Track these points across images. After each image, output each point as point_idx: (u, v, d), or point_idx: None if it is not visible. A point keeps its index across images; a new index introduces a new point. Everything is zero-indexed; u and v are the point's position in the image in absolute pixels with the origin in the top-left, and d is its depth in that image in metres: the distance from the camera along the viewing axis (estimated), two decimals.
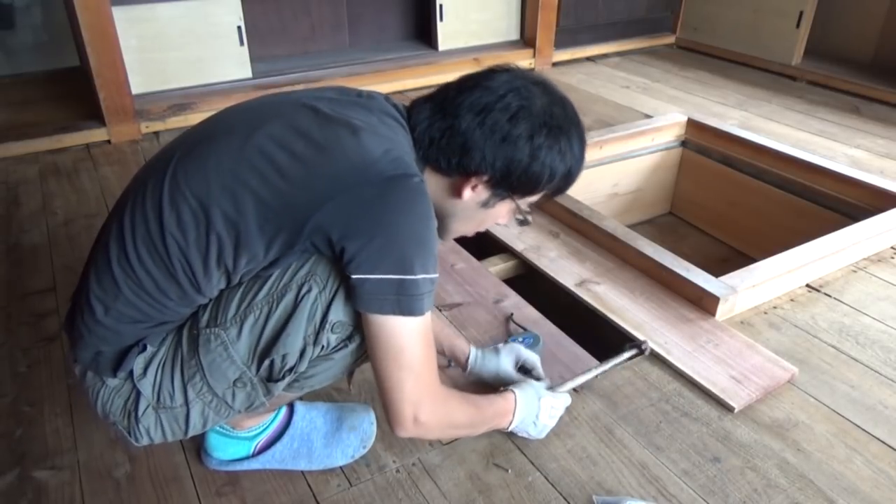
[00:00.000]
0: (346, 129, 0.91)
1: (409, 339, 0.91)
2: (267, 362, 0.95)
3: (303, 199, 0.87)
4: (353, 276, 0.88)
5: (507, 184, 0.98)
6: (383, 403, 0.96)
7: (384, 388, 0.94)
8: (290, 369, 0.97)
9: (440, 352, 1.32)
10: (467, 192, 0.98)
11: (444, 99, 0.97)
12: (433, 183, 0.99)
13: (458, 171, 0.97)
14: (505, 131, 0.93)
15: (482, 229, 1.10)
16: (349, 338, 0.99)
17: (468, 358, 1.33)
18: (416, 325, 0.91)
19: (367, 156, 0.88)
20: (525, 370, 1.34)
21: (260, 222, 0.89)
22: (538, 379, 1.31)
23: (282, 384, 0.99)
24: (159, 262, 0.92)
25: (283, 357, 0.95)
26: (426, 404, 0.95)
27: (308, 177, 0.88)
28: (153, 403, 1.00)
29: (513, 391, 1.18)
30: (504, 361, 1.33)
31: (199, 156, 0.92)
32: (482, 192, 0.99)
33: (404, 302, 0.88)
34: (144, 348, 0.97)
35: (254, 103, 1.00)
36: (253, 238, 0.90)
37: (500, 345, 1.37)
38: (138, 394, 0.99)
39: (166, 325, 0.98)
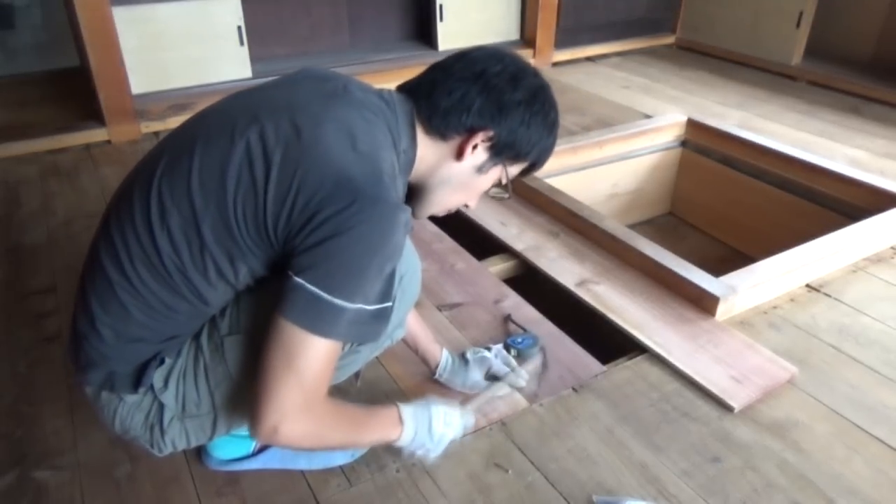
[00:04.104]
0: (323, 138, 0.87)
1: (310, 353, 0.85)
2: None
3: (279, 214, 0.85)
4: (294, 278, 0.84)
5: (506, 143, 0.99)
6: (251, 400, 0.88)
7: (260, 385, 0.87)
8: None
9: (413, 351, 1.33)
10: (468, 153, 0.98)
11: (443, 70, 0.98)
12: (430, 151, 0.99)
13: (463, 130, 0.97)
14: (507, 91, 0.96)
15: (467, 202, 1.08)
16: None
17: (437, 366, 1.33)
18: (324, 345, 0.85)
19: (346, 172, 0.85)
20: (496, 379, 1.34)
21: (244, 236, 0.88)
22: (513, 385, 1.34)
23: None
24: (162, 282, 0.91)
25: None
26: (294, 420, 0.88)
27: (285, 191, 0.85)
28: (178, 414, 1.00)
29: (397, 404, 1.08)
30: (472, 373, 1.33)
31: (181, 170, 0.90)
32: (480, 155, 0.99)
33: (318, 322, 0.84)
34: (162, 361, 0.97)
35: (230, 105, 0.96)
36: (244, 252, 0.89)
37: (470, 354, 1.36)
38: (161, 406, 0.99)
39: (179, 337, 0.98)
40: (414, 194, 1.06)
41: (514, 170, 1.05)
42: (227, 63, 2.89)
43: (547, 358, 1.43)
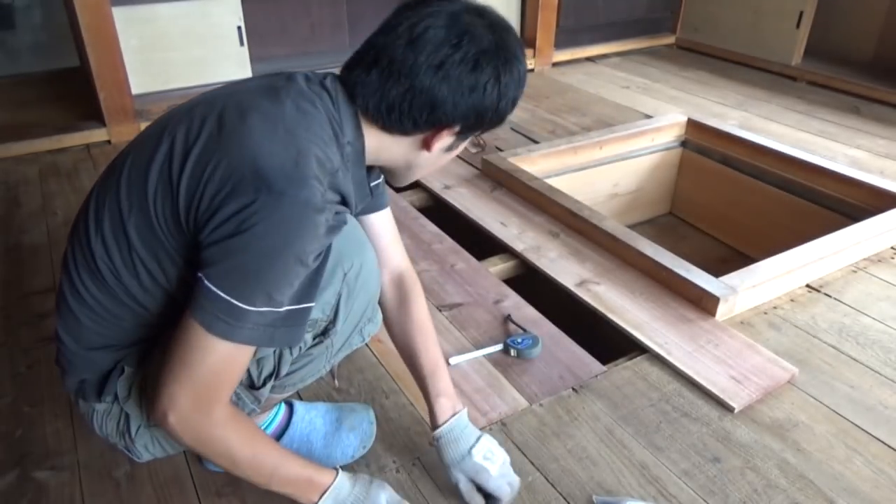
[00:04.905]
0: (244, 130, 0.83)
1: (207, 352, 0.81)
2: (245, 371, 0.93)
3: (189, 207, 0.83)
4: (197, 274, 0.81)
5: (474, 125, 0.94)
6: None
7: (161, 371, 0.84)
8: (270, 375, 0.97)
9: (417, 383, 1.16)
10: (436, 145, 0.95)
11: (392, 60, 0.88)
12: (394, 145, 0.95)
13: (428, 126, 0.92)
14: (472, 81, 0.88)
15: (440, 166, 1.06)
16: (324, 333, 0.99)
17: (437, 427, 1.10)
18: (224, 346, 0.81)
19: (257, 164, 0.80)
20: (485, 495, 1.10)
21: (168, 237, 0.86)
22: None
23: (265, 390, 0.98)
24: (102, 288, 0.90)
25: (259, 363, 0.95)
26: (184, 413, 0.83)
27: (196, 183, 0.82)
28: (144, 423, 0.99)
29: (338, 470, 0.97)
30: (463, 472, 1.08)
31: (115, 173, 0.90)
32: (447, 139, 0.95)
33: (216, 322, 0.79)
34: (123, 371, 0.96)
35: (181, 105, 0.93)
36: (170, 253, 0.87)
37: (479, 454, 1.08)
38: (127, 415, 0.99)
39: (137, 345, 0.97)
40: (385, 172, 1.05)
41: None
42: (227, 63, 2.89)
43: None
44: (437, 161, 1.00)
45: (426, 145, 0.94)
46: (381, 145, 0.95)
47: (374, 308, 1.08)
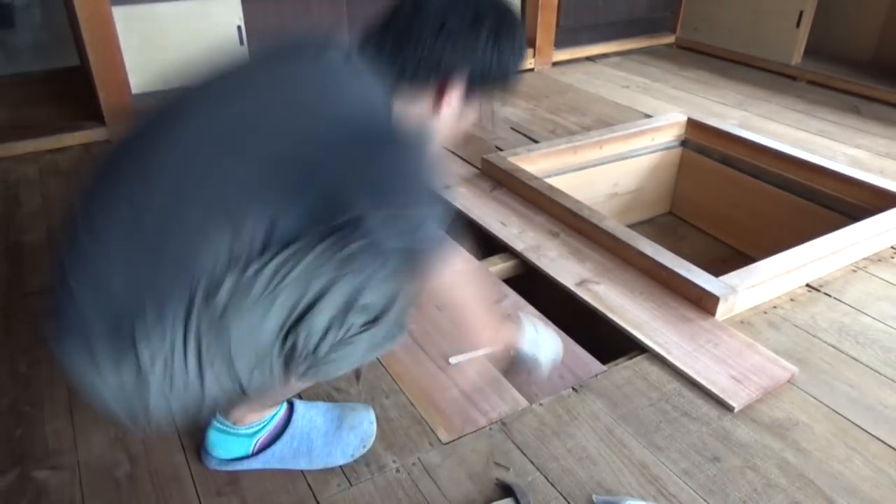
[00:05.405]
0: (341, 86, 0.94)
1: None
2: (291, 341, 0.92)
3: (312, 160, 0.89)
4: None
5: (480, 87, 1.04)
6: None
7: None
8: (313, 350, 0.95)
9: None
10: (445, 106, 1.04)
11: (402, 27, 1.01)
12: (411, 108, 1.03)
13: (434, 87, 1.02)
14: (471, 40, 1.00)
15: (458, 135, 1.15)
16: (374, 321, 0.97)
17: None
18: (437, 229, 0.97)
19: (371, 116, 0.92)
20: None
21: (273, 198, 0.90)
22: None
23: (301, 368, 0.96)
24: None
25: (307, 337, 0.93)
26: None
27: (318, 133, 0.90)
28: (166, 391, 0.95)
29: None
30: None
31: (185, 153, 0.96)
32: (456, 103, 1.04)
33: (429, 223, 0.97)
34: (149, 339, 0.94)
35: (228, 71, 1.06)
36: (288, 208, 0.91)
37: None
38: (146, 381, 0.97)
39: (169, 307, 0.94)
40: None
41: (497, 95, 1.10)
42: None
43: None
44: (452, 129, 1.09)
45: (436, 107, 1.03)
46: (402, 102, 1.02)
47: (412, 308, 1.10)
